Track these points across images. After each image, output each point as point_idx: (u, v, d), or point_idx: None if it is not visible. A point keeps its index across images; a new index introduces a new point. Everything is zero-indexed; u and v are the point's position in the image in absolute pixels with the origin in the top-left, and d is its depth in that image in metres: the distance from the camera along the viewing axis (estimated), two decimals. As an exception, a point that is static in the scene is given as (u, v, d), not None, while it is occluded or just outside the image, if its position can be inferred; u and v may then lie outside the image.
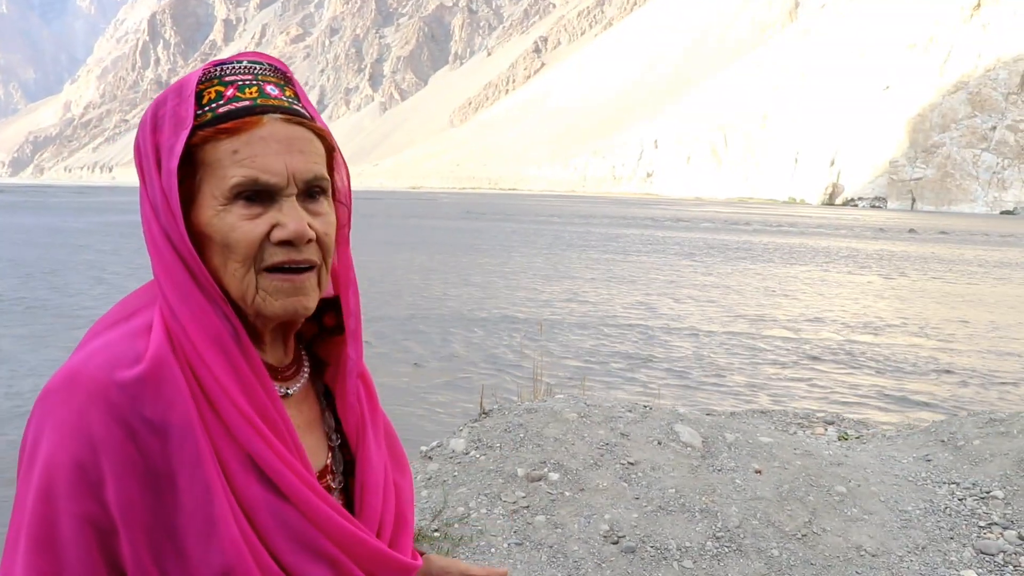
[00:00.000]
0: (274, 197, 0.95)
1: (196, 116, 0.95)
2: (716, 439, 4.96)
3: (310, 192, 0.97)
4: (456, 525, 4.19)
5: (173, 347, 0.90)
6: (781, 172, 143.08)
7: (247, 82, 0.98)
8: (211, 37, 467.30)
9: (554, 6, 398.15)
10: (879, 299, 21.40)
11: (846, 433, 6.71)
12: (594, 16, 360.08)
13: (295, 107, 0.98)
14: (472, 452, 4.95)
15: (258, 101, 0.96)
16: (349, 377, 1.07)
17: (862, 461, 5.14)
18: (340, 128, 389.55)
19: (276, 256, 0.95)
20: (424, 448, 5.37)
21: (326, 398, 1.11)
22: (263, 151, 0.94)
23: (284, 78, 1.02)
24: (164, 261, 0.94)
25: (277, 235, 0.94)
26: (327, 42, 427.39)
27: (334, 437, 1.09)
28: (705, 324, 16.79)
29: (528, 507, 4.32)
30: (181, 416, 0.88)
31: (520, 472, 4.62)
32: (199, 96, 0.96)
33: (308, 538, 0.94)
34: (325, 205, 0.99)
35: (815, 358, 13.75)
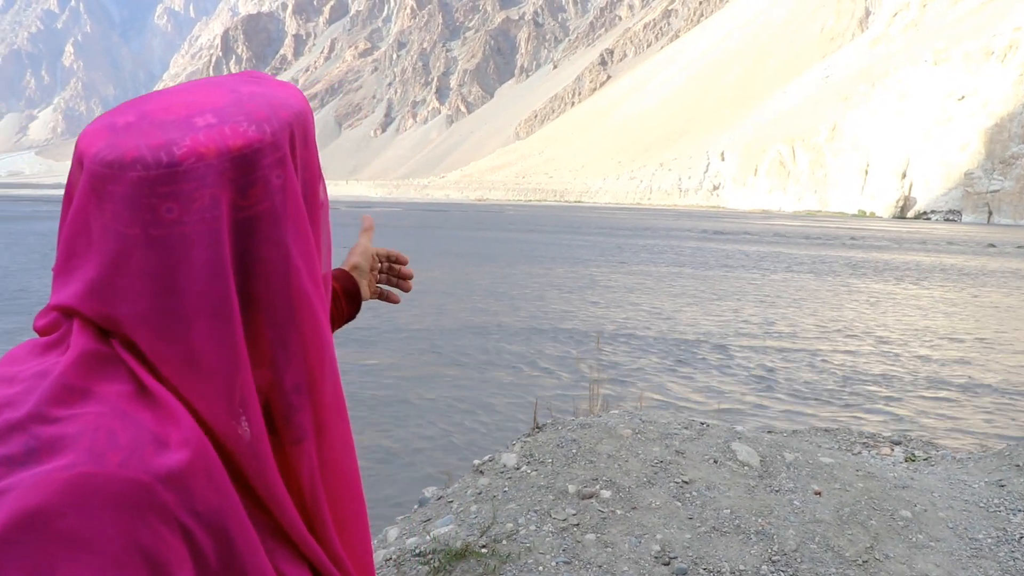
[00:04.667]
0: None
1: None
2: (775, 458, 4.80)
3: None
4: (504, 542, 4.12)
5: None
6: (850, 185, 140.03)
7: None
8: (281, 52, 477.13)
9: (620, 18, 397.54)
10: (957, 316, 20.74)
11: (914, 454, 6.45)
12: (660, 28, 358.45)
13: None
14: (523, 467, 4.88)
15: None
16: None
17: (929, 484, 4.92)
18: (407, 141, 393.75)
19: None
20: (477, 462, 5.32)
21: None
22: None
23: None
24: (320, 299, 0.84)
25: None
26: (395, 56, 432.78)
27: None
28: (772, 340, 16.47)
29: (578, 525, 4.22)
30: (232, 502, 0.75)
31: (571, 489, 4.53)
32: None
33: None
34: None
35: (886, 375, 13.36)
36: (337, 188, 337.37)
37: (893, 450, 6.97)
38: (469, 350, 15.04)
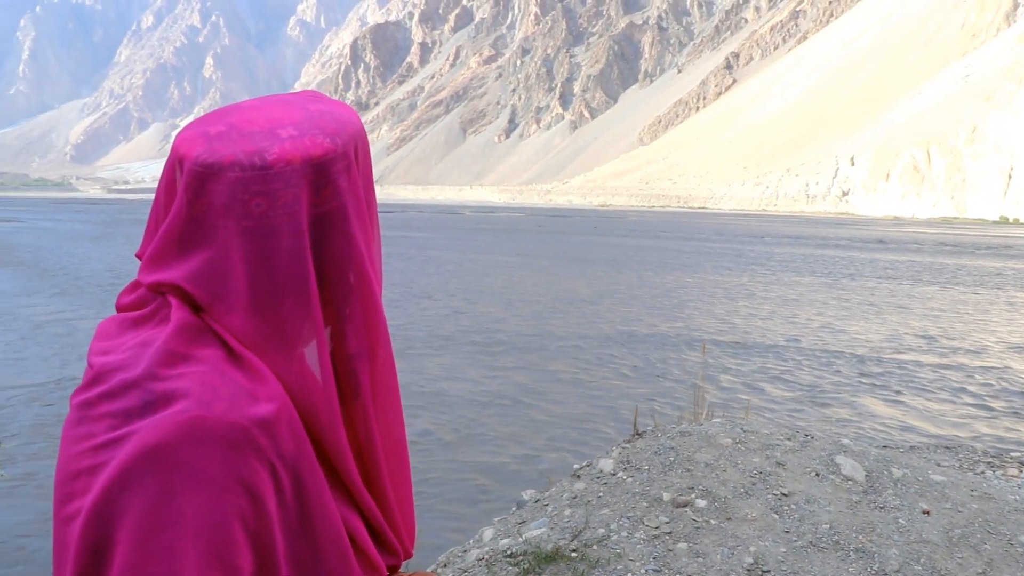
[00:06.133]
0: None
1: None
2: (881, 474, 4.61)
3: None
4: (595, 547, 4.10)
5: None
6: (992, 189, 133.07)
7: None
8: (408, 60, 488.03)
9: (746, 21, 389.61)
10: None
11: (1042, 475, 6.08)
12: (788, 30, 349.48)
13: None
14: (620, 473, 4.85)
15: None
16: None
17: (1054, 507, 4.63)
18: (530, 146, 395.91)
19: None
20: (576, 466, 5.32)
21: None
22: None
23: None
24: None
25: None
26: (519, 62, 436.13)
27: None
28: (904, 353, 15.83)
29: (670, 533, 4.16)
30: (307, 451, 0.89)
31: (666, 496, 4.47)
32: None
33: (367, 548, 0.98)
34: None
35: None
36: (461, 193, 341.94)
37: (1021, 471, 6.59)
38: (605, 357, 15.04)
